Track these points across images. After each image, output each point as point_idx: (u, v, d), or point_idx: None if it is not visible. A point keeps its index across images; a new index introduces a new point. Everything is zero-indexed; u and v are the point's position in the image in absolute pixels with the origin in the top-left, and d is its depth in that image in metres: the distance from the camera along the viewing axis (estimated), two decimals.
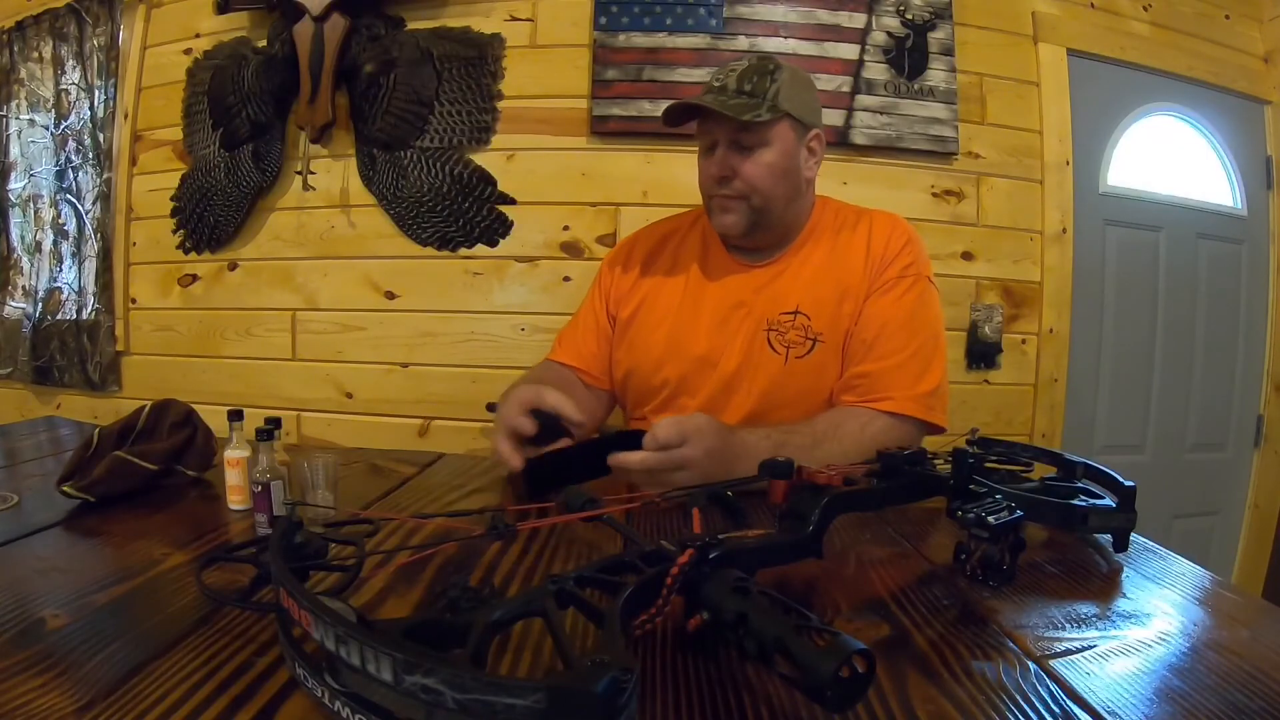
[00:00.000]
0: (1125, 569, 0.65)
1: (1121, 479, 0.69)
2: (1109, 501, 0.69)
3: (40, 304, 2.14)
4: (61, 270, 2.12)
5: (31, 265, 2.18)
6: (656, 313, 1.14)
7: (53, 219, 2.12)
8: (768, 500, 0.66)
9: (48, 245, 2.14)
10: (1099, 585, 0.61)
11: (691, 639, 0.45)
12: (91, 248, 2.06)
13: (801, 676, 0.36)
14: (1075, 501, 0.69)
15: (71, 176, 2.09)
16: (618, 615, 0.38)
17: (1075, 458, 0.77)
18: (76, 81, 2.05)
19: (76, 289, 2.09)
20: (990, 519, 0.57)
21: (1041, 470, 0.80)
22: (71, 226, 2.11)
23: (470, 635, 0.35)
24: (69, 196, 2.10)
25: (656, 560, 0.46)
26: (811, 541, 0.55)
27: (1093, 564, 0.66)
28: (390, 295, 1.90)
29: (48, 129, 2.11)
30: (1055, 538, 0.77)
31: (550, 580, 0.41)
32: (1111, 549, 0.68)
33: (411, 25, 1.86)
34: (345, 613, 0.38)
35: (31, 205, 2.18)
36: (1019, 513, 0.58)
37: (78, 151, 2.08)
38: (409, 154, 1.83)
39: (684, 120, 1.08)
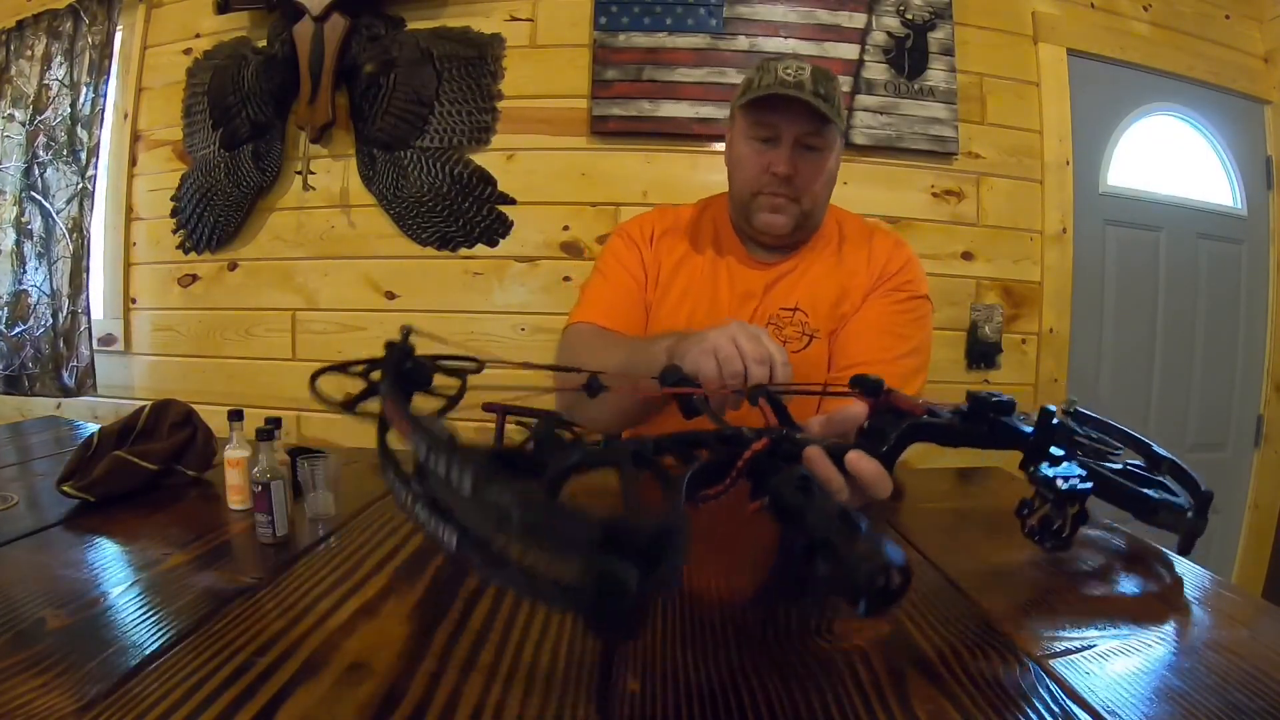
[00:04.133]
0: (1125, 569, 0.65)
1: (1201, 483, 0.67)
2: (1183, 501, 0.67)
3: (6, 309, 2.06)
4: (26, 272, 2.05)
5: None
6: (674, 295, 1.14)
7: (15, 217, 2.06)
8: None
9: (8, 245, 2.06)
10: (1099, 585, 0.61)
11: (749, 519, 0.47)
12: (65, 248, 2.00)
13: (841, 577, 0.37)
14: (1148, 491, 0.67)
15: (38, 173, 2.03)
16: (685, 482, 0.40)
17: (1165, 452, 0.73)
18: (60, 78, 2.02)
19: (48, 291, 2.01)
20: (1059, 483, 0.56)
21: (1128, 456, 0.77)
22: (37, 225, 2.03)
23: (548, 471, 0.38)
24: (34, 194, 2.03)
25: (734, 444, 0.47)
26: (885, 461, 0.55)
27: (1093, 564, 0.66)
28: (390, 295, 1.90)
29: (23, 125, 2.06)
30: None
31: (631, 441, 0.43)
32: (1176, 550, 0.67)
33: (411, 25, 1.86)
34: (440, 430, 0.40)
35: None
36: (1090, 485, 0.57)
37: (47, 147, 2.02)
38: (409, 154, 1.83)
39: (750, 103, 1.03)
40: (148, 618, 0.51)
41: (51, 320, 2.02)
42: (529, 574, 0.31)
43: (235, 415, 0.77)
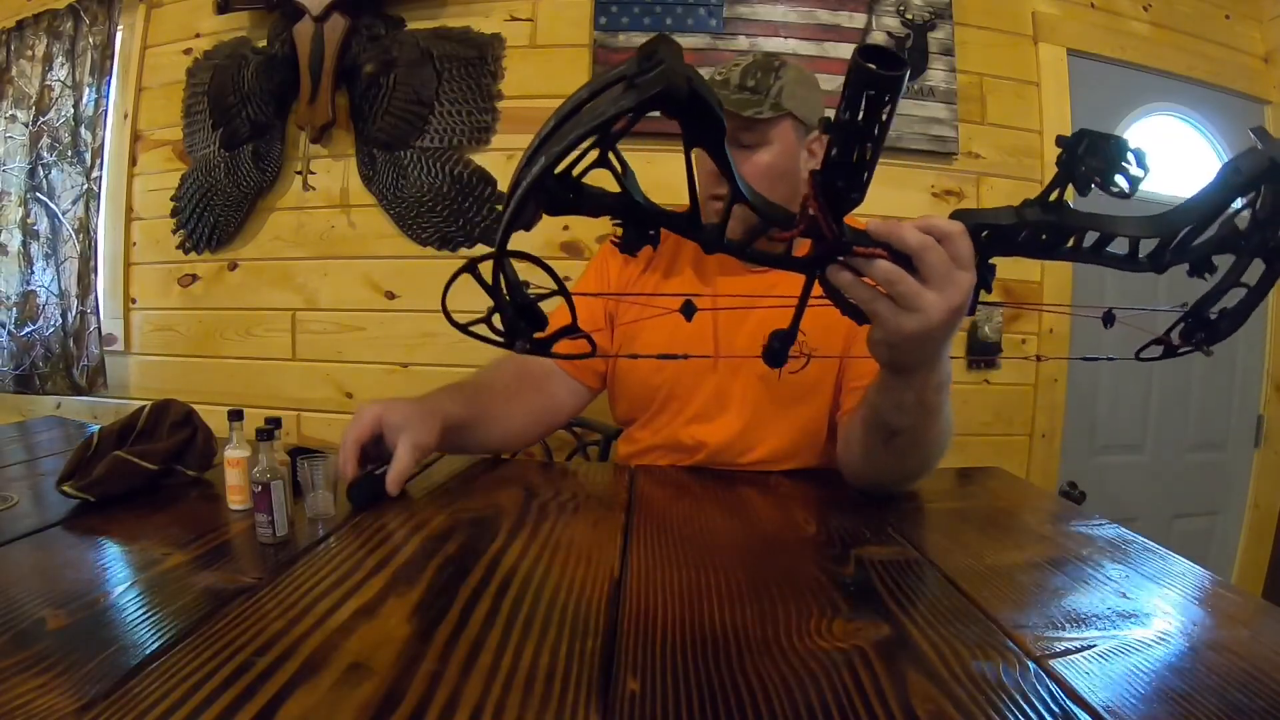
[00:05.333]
0: (1125, 569, 0.65)
1: None
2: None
3: (15, 310, 2.07)
4: (34, 272, 2.06)
5: None
6: (656, 311, 1.13)
7: (21, 218, 2.07)
8: None
9: (15, 246, 2.08)
10: (1099, 585, 0.61)
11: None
12: (72, 248, 2.01)
13: None
14: None
15: (43, 174, 2.03)
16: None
17: None
18: (63, 79, 2.02)
19: (56, 292, 2.03)
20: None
21: None
22: (43, 226, 2.04)
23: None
24: (39, 195, 2.04)
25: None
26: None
27: (1093, 564, 0.66)
28: (390, 295, 1.90)
29: (26, 125, 2.07)
30: (1048, 534, 0.77)
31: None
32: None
33: (411, 25, 1.86)
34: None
35: None
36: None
37: (51, 149, 2.03)
38: (409, 154, 1.83)
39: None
40: (148, 618, 0.51)
41: (60, 320, 2.03)
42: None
43: (235, 415, 0.77)
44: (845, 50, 1.81)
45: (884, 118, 0.45)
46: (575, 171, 0.45)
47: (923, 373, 0.69)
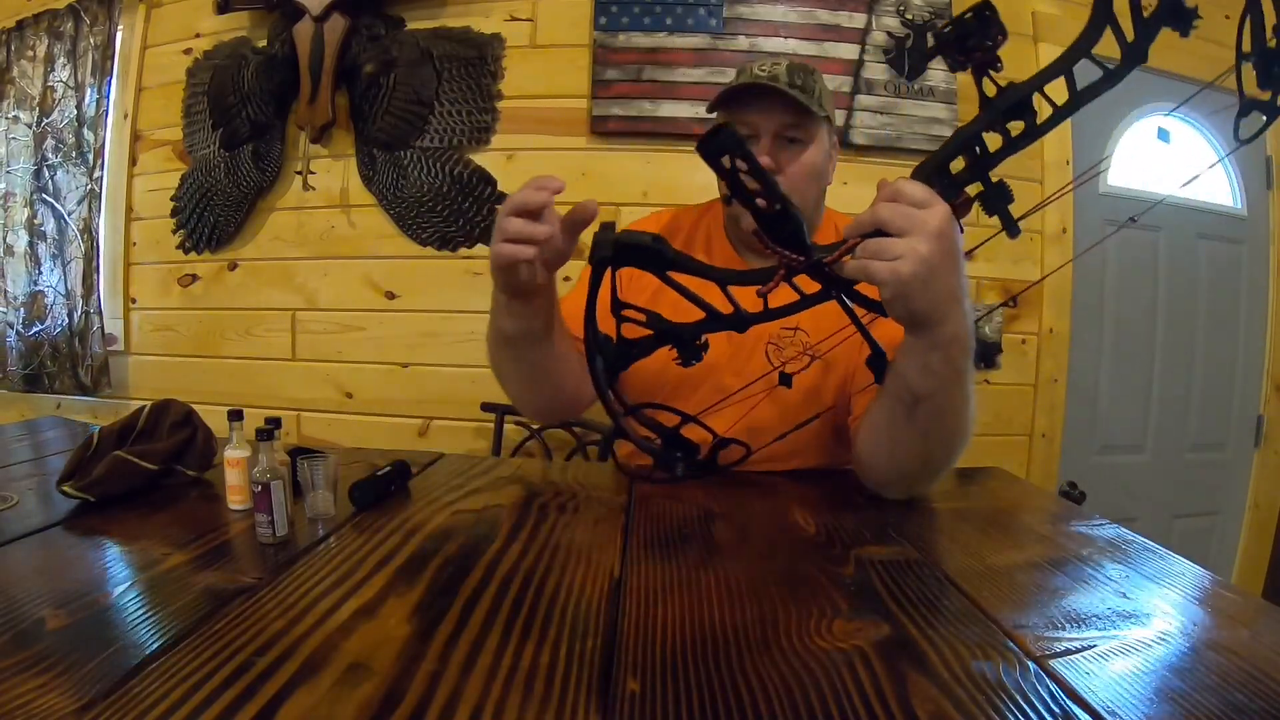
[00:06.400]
0: (1125, 569, 0.65)
1: None
2: None
3: (23, 309, 2.09)
4: (41, 273, 2.07)
5: (4, 268, 2.12)
6: (663, 308, 1.13)
7: (27, 219, 2.08)
8: None
9: (22, 247, 2.09)
10: (1099, 585, 0.61)
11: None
12: (77, 249, 2.01)
13: None
14: None
15: (48, 175, 2.05)
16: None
17: None
18: (65, 79, 2.02)
19: (63, 292, 2.04)
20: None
21: None
22: (50, 227, 2.05)
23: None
24: (45, 196, 2.05)
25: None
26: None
27: (1093, 564, 0.66)
28: (390, 295, 1.90)
29: (30, 126, 2.08)
30: (1048, 533, 0.77)
31: None
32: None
33: (411, 25, 1.87)
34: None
35: (2, 205, 2.12)
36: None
37: (56, 149, 2.04)
38: (409, 154, 1.83)
39: (725, 103, 1.05)
40: (148, 618, 0.51)
41: (67, 320, 2.04)
42: None
43: (235, 415, 0.77)
44: (845, 50, 1.81)
45: (747, 164, 0.53)
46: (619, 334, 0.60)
47: (945, 323, 0.70)
